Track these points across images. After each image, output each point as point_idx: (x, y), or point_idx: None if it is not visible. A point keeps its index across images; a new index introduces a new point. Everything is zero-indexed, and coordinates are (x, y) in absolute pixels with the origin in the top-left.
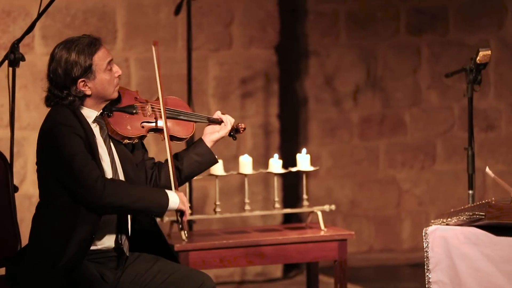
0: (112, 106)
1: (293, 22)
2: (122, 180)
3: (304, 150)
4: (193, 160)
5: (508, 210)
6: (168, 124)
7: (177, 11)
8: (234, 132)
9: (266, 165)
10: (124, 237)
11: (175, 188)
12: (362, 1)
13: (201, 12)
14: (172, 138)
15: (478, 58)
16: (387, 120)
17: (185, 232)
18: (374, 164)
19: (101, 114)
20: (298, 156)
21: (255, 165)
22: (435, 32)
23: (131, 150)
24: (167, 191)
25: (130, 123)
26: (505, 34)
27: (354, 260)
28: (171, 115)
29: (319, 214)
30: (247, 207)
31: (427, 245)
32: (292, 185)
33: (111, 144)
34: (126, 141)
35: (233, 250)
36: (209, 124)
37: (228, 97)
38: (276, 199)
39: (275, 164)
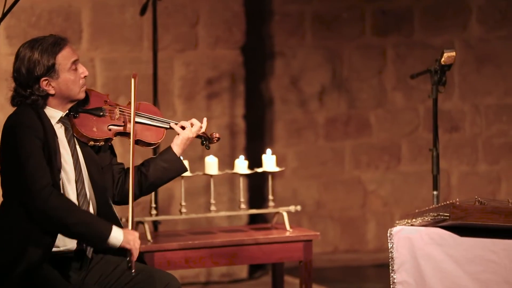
0: (79, 107)
1: (259, 23)
2: (71, 200)
3: (269, 151)
4: (159, 166)
5: (472, 211)
6: (137, 128)
7: (142, 12)
8: (207, 141)
9: (231, 166)
10: None
11: (132, 198)
12: (328, 2)
13: (167, 12)
14: (141, 143)
15: (442, 59)
16: (353, 121)
17: (133, 271)
18: (339, 165)
19: (67, 114)
20: (263, 156)
21: (221, 165)
22: (400, 34)
23: (97, 152)
24: (114, 226)
25: (97, 125)
26: (469, 35)
27: (319, 260)
28: (141, 120)
29: (285, 214)
30: (212, 207)
31: (392, 245)
32: (257, 185)
33: (76, 145)
34: (92, 143)
35: (199, 251)
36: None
37: (194, 97)
38: (242, 199)
39: (241, 165)
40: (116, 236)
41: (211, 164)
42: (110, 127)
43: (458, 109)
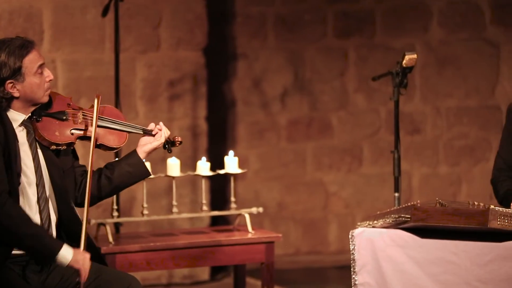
0: (41, 111)
1: (221, 25)
2: (26, 213)
3: (231, 153)
4: (124, 170)
5: (433, 212)
6: (100, 132)
7: (104, 13)
8: (170, 145)
9: (194, 168)
10: None
11: (88, 202)
12: (290, 4)
13: (129, 13)
14: (103, 147)
15: (404, 61)
16: (315, 123)
17: None
18: (301, 166)
19: (29, 118)
20: (226, 158)
21: (183, 167)
22: (362, 36)
23: (59, 156)
24: (65, 245)
25: (59, 129)
26: (431, 38)
27: (281, 262)
28: (105, 124)
29: (247, 216)
30: (174, 209)
31: (354, 247)
32: (220, 187)
33: (38, 149)
34: (54, 147)
35: (160, 253)
36: (144, 135)
37: (156, 99)
38: (204, 201)
39: (203, 167)
40: (65, 254)
41: (173, 166)
42: (73, 131)
43: (419, 111)
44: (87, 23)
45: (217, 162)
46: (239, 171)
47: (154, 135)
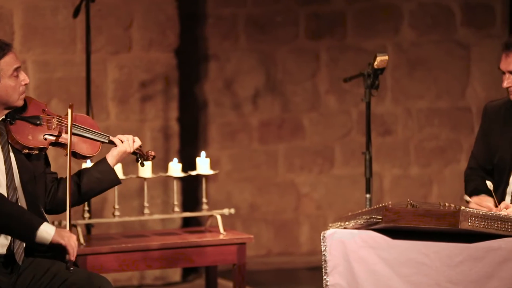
0: (16, 114)
1: (193, 26)
2: (2, 194)
3: (203, 154)
4: (93, 177)
5: (404, 213)
6: (74, 140)
7: (75, 14)
8: (142, 159)
9: (165, 169)
10: (18, 244)
11: (69, 205)
12: (262, 5)
13: (100, 14)
14: (75, 155)
15: (375, 63)
16: (286, 124)
17: (71, 269)
18: (273, 168)
19: (3, 120)
20: (197, 159)
21: (155, 168)
22: (333, 37)
23: (31, 160)
24: (46, 222)
25: (32, 134)
26: (402, 39)
27: (253, 263)
28: (78, 132)
29: (219, 217)
30: (146, 210)
31: (325, 248)
32: (191, 188)
33: (10, 152)
34: (26, 150)
35: (132, 254)
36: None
37: (128, 100)
38: (176, 202)
39: (175, 168)
40: (47, 230)
41: (145, 167)
42: (46, 136)
43: (391, 113)
44: (58, 24)
45: (188, 163)
46: (210, 172)
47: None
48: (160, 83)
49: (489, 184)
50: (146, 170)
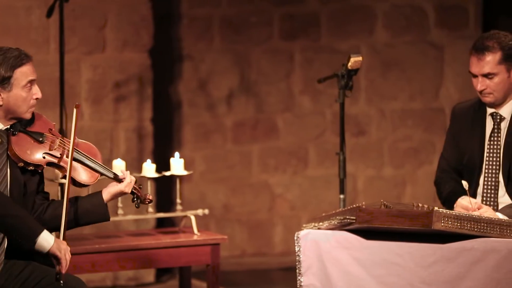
0: (21, 126)
1: (167, 26)
2: (8, 196)
3: (177, 154)
4: (84, 207)
5: (378, 214)
6: (73, 165)
7: (49, 14)
8: (139, 200)
9: (139, 169)
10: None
11: (64, 229)
12: (236, 6)
13: (74, 15)
14: (73, 181)
15: (349, 64)
16: (260, 124)
17: (61, 283)
18: (247, 168)
19: (6, 129)
20: (171, 160)
21: (129, 169)
22: (307, 38)
23: (26, 175)
24: (46, 230)
25: (32, 149)
26: (375, 40)
27: (227, 264)
28: (78, 158)
29: (192, 218)
30: (120, 211)
31: (299, 249)
32: (165, 189)
33: (7, 162)
34: (21, 164)
35: (105, 255)
36: (113, 181)
37: (101, 100)
38: None
39: (149, 168)
40: (47, 239)
41: (119, 168)
42: (45, 155)
43: (365, 114)
44: (32, 23)
45: (162, 164)
46: (184, 173)
47: (120, 181)
48: (134, 84)
49: (464, 184)
50: (119, 170)
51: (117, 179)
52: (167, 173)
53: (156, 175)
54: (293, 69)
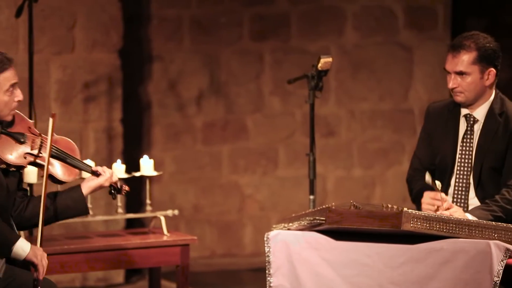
0: (2, 128)
1: (136, 27)
2: None
3: (147, 155)
4: (64, 203)
5: (347, 215)
6: (52, 163)
7: (18, 14)
8: (116, 191)
9: None
10: None
11: (42, 225)
12: (206, 6)
13: (43, 15)
14: (52, 178)
15: (319, 65)
16: (230, 125)
17: None
18: (217, 169)
19: None
20: (141, 161)
21: None
22: (277, 39)
23: (7, 176)
24: (23, 238)
25: (13, 150)
26: (345, 41)
27: (197, 265)
28: (58, 156)
29: (162, 219)
30: (89, 212)
31: (269, 249)
32: (135, 190)
33: None
34: (3, 166)
35: (74, 256)
36: (91, 175)
37: (71, 101)
38: (119, 204)
39: (118, 169)
40: (23, 246)
41: None
42: (26, 155)
43: (334, 114)
44: (1, 23)
45: (132, 165)
46: (154, 173)
47: (98, 176)
48: (104, 84)
49: (438, 184)
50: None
51: (96, 174)
52: (137, 174)
53: (125, 175)
54: (263, 70)
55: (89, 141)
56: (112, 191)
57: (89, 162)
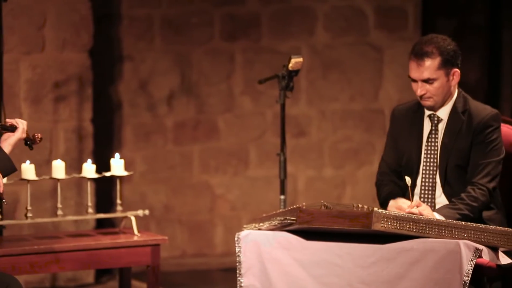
0: None
1: (107, 26)
2: None
3: (117, 155)
4: None
5: (318, 215)
6: None
7: None
8: (31, 142)
9: (79, 170)
10: None
11: None
12: (177, 6)
13: (13, 14)
14: None
15: (290, 65)
16: (201, 125)
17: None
18: (187, 169)
19: None
20: (112, 160)
21: (68, 169)
22: (248, 39)
23: None
24: None
25: None
26: (316, 41)
27: (167, 265)
28: None
29: (133, 219)
30: (59, 212)
31: (239, 250)
32: (105, 190)
33: None
34: None
35: (44, 256)
36: (5, 132)
37: (41, 100)
38: (89, 204)
39: (89, 169)
40: None
41: (58, 168)
42: None
43: (305, 115)
44: None
45: (103, 165)
46: (125, 173)
47: (13, 130)
48: (74, 84)
49: (407, 179)
50: (59, 171)
51: (5, 128)
52: (107, 174)
53: (96, 175)
54: (234, 70)
55: (59, 141)
56: (27, 142)
57: (59, 162)
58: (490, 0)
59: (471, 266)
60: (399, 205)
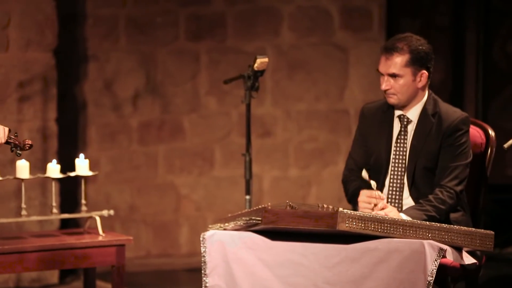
0: None
1: (72, 26)
2: None
3: (82, 155)
4: None
5: (283, 215)
6: None
7: None
8: (18, 148)
9: (44, 170)
10: None
11: None
12: (142, 6)
13: None
14: None
15: (255, 65)
16: (166, 125)
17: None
18: (153, 169)
19: None
20: (76, 160)
21: (33, 169)
22: (213, 39)
23: None
24: None
25: None
26: (281, 42)
27: (132, 265)
28: None
29: (98, 219)
30: (23, 212)
31: (205, 250)
32: (70, 190)
33: None
34: None
35: (8, 256)
36: None
37: (5, 100)
38: (54, 204)
39: (53, 169)
40: None
41: (23, 168)
42: None
43: (270, 115)
44: None
45: (67, 165)
46: (89, 173)
47: None
48: (39, 83)
49: (373, 183)
50: (23, 171)
51: None
52: (72, 174)
53: (60, 175)
54: (199, 70)
55: None
56: (13, 148)
57: (23, 162)
58: (454, 2)
59: (435, 266)
60: (367, 193)
